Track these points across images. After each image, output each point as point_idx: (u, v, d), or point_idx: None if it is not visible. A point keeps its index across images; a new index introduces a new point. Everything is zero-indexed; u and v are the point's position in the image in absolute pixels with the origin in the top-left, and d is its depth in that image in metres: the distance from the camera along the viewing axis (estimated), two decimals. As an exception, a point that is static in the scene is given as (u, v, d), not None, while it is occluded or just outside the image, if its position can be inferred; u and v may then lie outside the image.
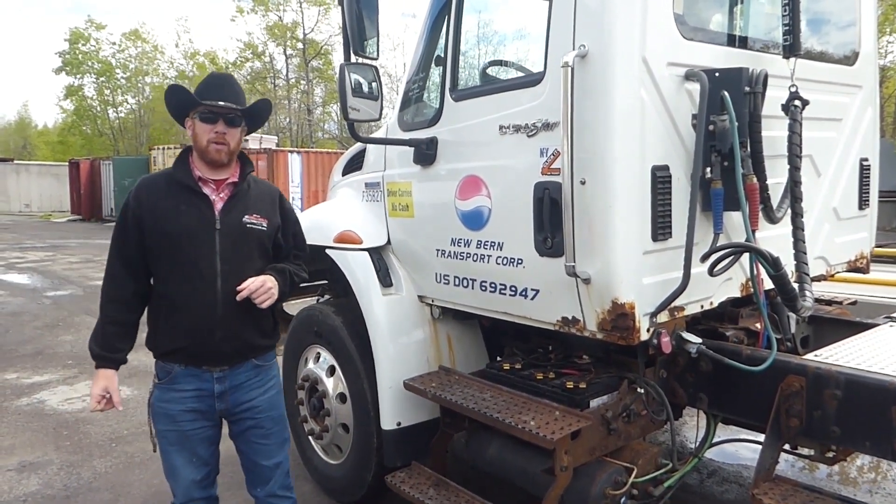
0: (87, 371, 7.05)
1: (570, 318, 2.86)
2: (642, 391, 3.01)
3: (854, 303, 4.12)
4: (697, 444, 3.25)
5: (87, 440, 5.25)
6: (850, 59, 3.68)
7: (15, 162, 44.19)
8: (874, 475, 4.50)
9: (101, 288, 2.77)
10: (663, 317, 2.77)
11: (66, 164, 36.33)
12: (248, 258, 2.75)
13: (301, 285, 3.05)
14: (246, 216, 2.76)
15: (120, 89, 48.58)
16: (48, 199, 40.84)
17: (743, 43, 3.16)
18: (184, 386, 2.72)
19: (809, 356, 2.80)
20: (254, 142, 23.43)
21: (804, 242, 2.96)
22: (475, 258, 3.24)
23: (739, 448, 4.63)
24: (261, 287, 2.65)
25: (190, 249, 2.65)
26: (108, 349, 2.71)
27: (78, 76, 46.94)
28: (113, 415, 5.69)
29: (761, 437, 2.88)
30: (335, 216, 4.15)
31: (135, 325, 2.78)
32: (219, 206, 2.73)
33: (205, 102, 2.66)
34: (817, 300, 3.68)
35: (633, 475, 2.85)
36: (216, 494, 2.92)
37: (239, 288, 2.63)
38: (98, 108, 49.09)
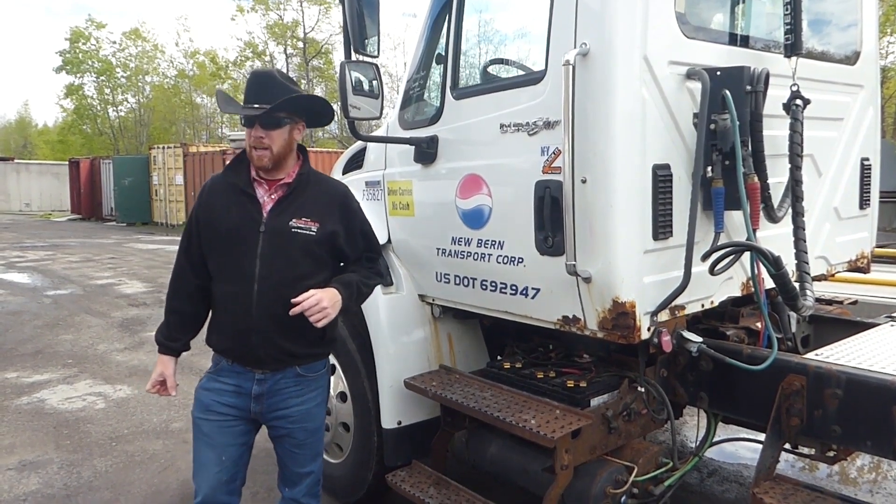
0: (88, 370, 7.07)
1: (570, 316, 2.85)
2: (643, 390, 3.01)
3: (854, 302, 4.13)
4: (698, 443, 3.25)
5: (87, 439, 5.25)
6: (851, 59, 3.68)
7: (15, 161, 44.24)
8: (874, 475, 4.50)
9: (169, 279, 2.86)
10: (664, 316, 2.77)
11: (67, 163, 36.37)
12: (291, 263, 2.63)
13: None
14: (294, 220, 2.64)
15: (120, 88, 48.60)
16: (48, 199, 40.87)
17: (744, 42, 3.16)
18: (226, 379, 2.73)
19: (810, 355, 2.80)
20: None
21: (805, 242, 2.96)
22: (476, 257, 3.23)
23: (739, 447, 4.63)
24: (315, 305, 2.49)
25: (234, 250, 2.65)
26: (167, 337, 2.81)
27: (78, 75, 46.98)
28: (113, 414, 5.71)
29: (761, 437, 2.89)
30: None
31: (196, 317, 2.84)
32: (268, 207, 2.66)
33: (253, 106, 2.58)
34: (817, 300, 3.68)
35: (634, 474, 2.84)
36: None
37: (294, 301, 2.49)
38: (98, 108, 49.10)
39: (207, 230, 2.71)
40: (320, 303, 2.51)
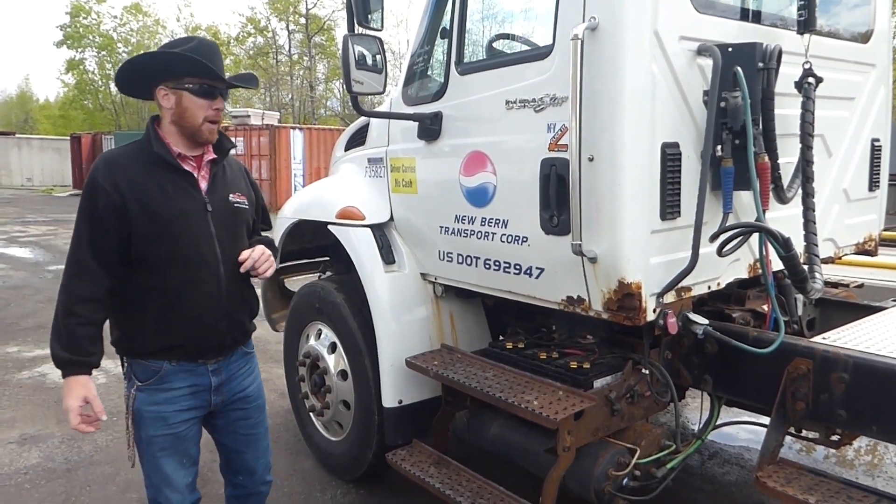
0: (88, 345, 7.04)
1: (575, 297, 2.82)
2: (647, 372, 2.98)
3: (861, 285, 4.10)
4: (701, 425, 3.23)
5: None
6: (863, 38, 3.61)
7: (16, 136, 43.98)
8: (871, 457, 4.50)
9: (65, 286, 2.37)
10: (670, 297, 2.74)
11: (68, 138, 36.24)
12: (240, 240, 2.58)
13: (302, 262, 2.98)
14: (231, 195, 2.56)
15: (121, 63, 48.21)
16: (50, 174, 40.73)
17: (756, 17, 3.08)
18: (176, 384, 2.48)
19: (817, 339, 2.77)
20: (255, 118, 23.29)
21: (815, 223, 2.92)
22: (479, 235, 3.19)
23: (740, 430, 4.62)
24: (262, 255, 2.51)
25: (186, 236, 2.41)
26: (82, 353, 2.36)
27: (79, 50, 46.68)
28: (114, 389, 5.69)
29: (764, 420, 2.86)
30: (338, 192, 4.10)
31: (102, 325, 2.43)
32: (203, 185, 2.49)
33: (222, 77, 2.43)
34: (824, 282, 3.65)
35: (637, 456, 2.83)
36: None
37: (241, 259, 2.48)
38: (99, 83, 48.82)
39: (141, 217, 2.34)
40: (264, 252, 2.54)
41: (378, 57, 3.17)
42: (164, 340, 2.45)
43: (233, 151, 2.68)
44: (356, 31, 3.08)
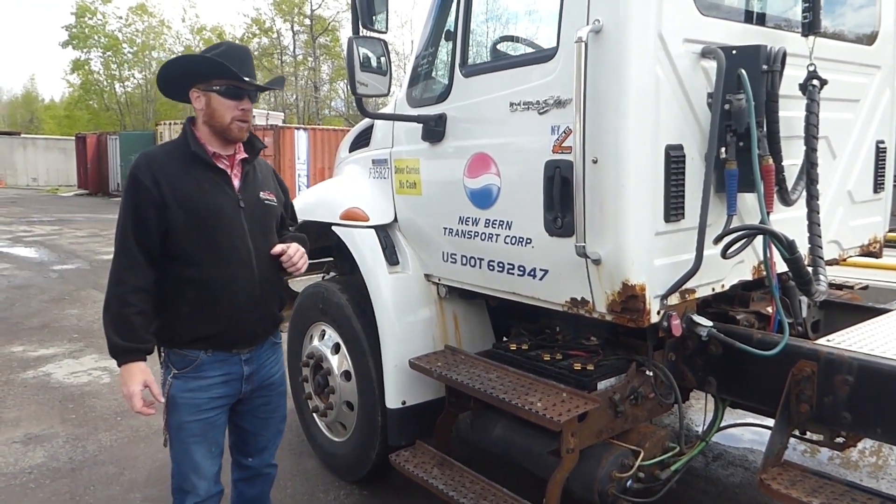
0: (93, 345, 7.08)
1: (579, 299, 2.82)
2: (651, 374, 2.98)
3: (865, 287, 4.08)
4: (705, 427, 3.23)
5: (92, 413, 5.26)
6: (868, 39, 3.60)
7: (22, 136, 44.15)
8: (875, 458, 4.48)
9: (117, 277, 2.50)
10: (674, 299, 2.73)
11: (73, 138, 36.32)
12: (270, 235, 2.73)
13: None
14: (261, 193, 2.72)
15: (126, 64, 48.37)
16: (55, 174, 40.86)
17: (761, 20, 3.08)
18: (210, 373, 2.61)
19: (821, 341, 2.76)
20: (260, 118, 23.33)
21: (819, 225, 2.92)
22: (483, 237, 3.20)
23: (745, 431, 4.61)
24: (297, 252, 2.68)
25: (222, 230, 2.56)
26: (139, 340, 2.49)
27: (85, 50, 46.84)
28: (118, 389, 5.70)
29: (769, 422, 2.86)
30: (342, 193, 4.11)
31: (151, 314, 2.57)
32: (236, 183, 2.65)
33: (245, 79, 2.54)
34: (828, 284, 3.64)
35: (640, 458, 2.82)
36: None
37: (276, 252, 2.66)
38: (105, 83, 48.97)
39: (180, 212, 2.49)
40: (299, 250, 2.70)
41: (382, 59, 3.18)
42: (200, 331, 2.58)
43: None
44: (361, 34, 3.09)
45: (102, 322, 2.52)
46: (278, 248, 2.68)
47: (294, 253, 2.68)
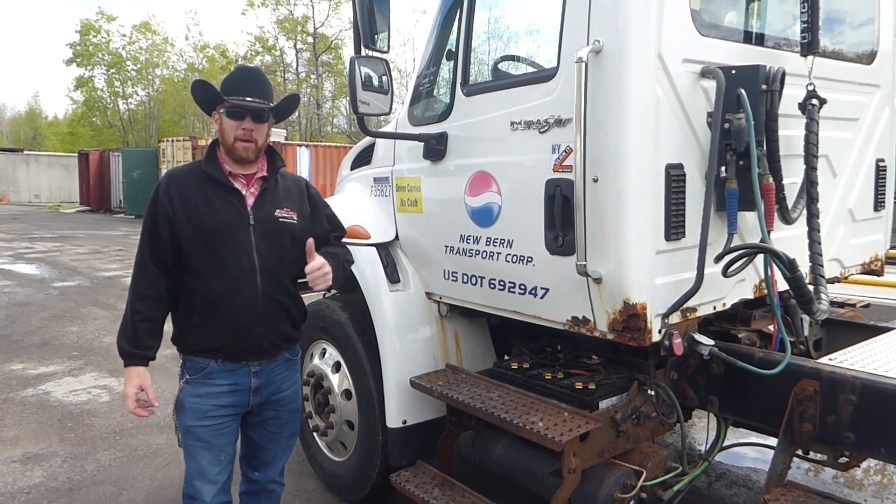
0: (93, 363, 7.06)
1: (580, 317, 2.81)
2: (652, 393, 2.97)
3: (867, 305, 4.07)
4: (707, 447, 3.21)
5: (91, 432, 5.24)
6: (867, 58, 3.62)
7: (25, 152, 44.34)
8: (880, 477, 4.45)
9: (132, 286, 2.70)
10: (675, 318, 2.73)
11: (76, 155, 36.47)
12: (283, 251, 2.75)
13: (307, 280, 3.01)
14: (277, 210, 2.75)
15: (130, 81, 48.67)
16: (57, 190, 41.00)
17: (760, 40, 3.10)
18: (219, 381, 2.70)
19: (824, 360, 2.75)
20: (262, 135, 23.37)
21: (820, 244, 2.91)
22: (484, 255, 3.20)
23: (747, 450, 4.58)
24: (319, 269, 2.65)
25: (227, 245, 2.64)
26: (140, 346, 2.66)
27: (88, 67, 47.14)
28: (117, 408, 5.69)
29: (771, 441, 2.84)
30: (343, 210, 4.07)
31: (164, 322, 2.74)
32: (250, 201, 2.71)
33: (230, 99, 2.62)
34: (829, 302, 3.64)
35: (643, 478, 2.80)
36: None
37: (307, 270, 2.66)
38: (108, 100, 49.23)
39: (188, 228, 2.62)
40: (323, 267, 2.66)
41: (384, 78, 3.20)
42: (208, 340, 2.68)
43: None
44: (362, 53, 3.11)
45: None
46: (311, 265, 2.66)
47: (311, 270, 2.64)
